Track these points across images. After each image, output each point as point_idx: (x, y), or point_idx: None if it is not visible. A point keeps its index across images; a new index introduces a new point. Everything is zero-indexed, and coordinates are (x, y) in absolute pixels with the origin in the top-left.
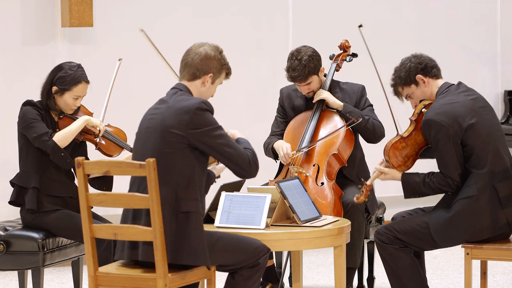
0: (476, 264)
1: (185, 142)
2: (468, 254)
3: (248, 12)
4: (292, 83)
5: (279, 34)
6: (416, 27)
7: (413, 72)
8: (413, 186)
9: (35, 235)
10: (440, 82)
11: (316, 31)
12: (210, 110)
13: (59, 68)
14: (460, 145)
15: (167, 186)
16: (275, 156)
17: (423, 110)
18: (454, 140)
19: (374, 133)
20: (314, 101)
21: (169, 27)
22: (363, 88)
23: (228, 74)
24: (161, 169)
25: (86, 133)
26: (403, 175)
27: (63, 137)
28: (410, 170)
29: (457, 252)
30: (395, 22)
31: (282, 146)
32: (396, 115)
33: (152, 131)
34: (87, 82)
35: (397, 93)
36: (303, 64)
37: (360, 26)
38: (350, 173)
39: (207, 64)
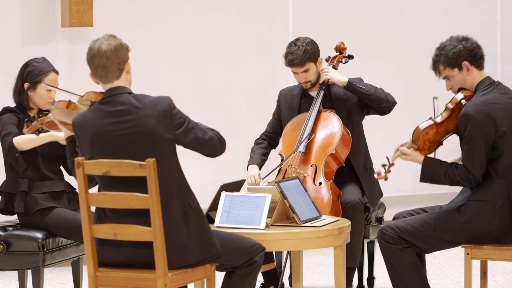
0: (476, 264)
1: (175, 143)
2: (468, 254)
3: (248, 12)
4: (290, 85)
5: (279, 34)
6: (416, 27)
7: (462, 56)
8: (433, 173)
9: (35, 235)
10: (483, 74)
11: (316, 31)
12: None
13: (26, 65)
14: (490, 146)
15: (173, 193)
16: None
17: (462, 101)
18: (486, 141)
19: (387, 99)
20: (320, 82)
21: (169, 27)
22: (360, 79)
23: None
24: (163, 179)
25: None
26: (426, 159)
27: (23, 140)
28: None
29: (457, 252)
30: (395, 22)
31: (251, 175)
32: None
33: (138, 146)
34: (56, 72)
35: (436, 69)
36: (301, 49)
37: (435, 98)
38: (358, 164)
39: (122, 53)
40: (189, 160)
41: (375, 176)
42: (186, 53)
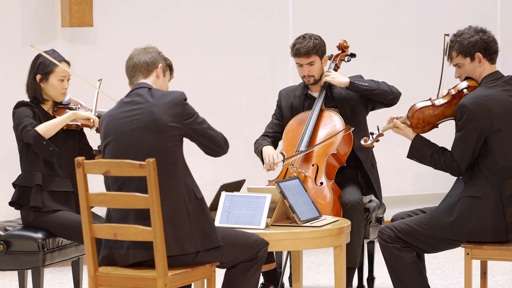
0: (476, 264)
1: (181, 133)
2: (468, 254)
3: (248, 12)
4: (290, 85)
5: (279, 34)
6: (417, 27)
7: (476, 47)
8: (420, 152)
9: (35, 235)
10: (493, 68)
11: (316, 30)
12: None
13: (36, 58)
14: (482, 141)
15: (179, 180)
16: (262, 159)
17: (464, 90)
18: (479, 135)
19: (392, 91)
20: (321, 83)
21: (169, 27)
22: (360, 76)
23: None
24: (169, 164)
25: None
26: (416, 137)
27: (46, 127)
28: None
29: (457, 252)
30: (396, 21)
31: (269, 154)
32: (443, 80)
33: (143, 131)
34: (67, 61)
35: (448, 55)
36: (309, 40)
37: (447, 35)
38: (366, 161)
39: (152, 57)
40: (189, 160)
41: (362, 142)
42: (186, 53)
